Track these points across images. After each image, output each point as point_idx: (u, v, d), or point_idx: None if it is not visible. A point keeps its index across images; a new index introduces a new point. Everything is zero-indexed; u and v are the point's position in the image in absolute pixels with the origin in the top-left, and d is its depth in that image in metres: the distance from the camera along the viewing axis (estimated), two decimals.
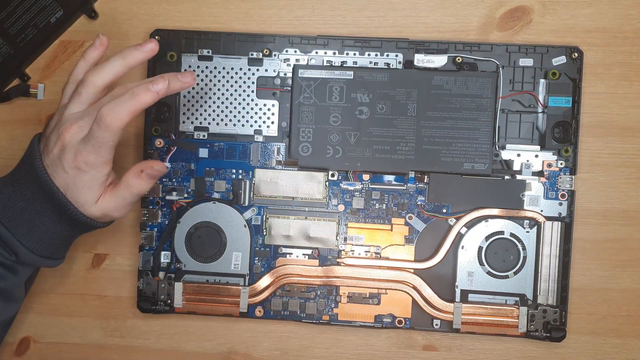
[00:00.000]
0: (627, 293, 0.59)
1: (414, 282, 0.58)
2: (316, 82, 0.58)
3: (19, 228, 0.51)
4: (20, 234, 0.51)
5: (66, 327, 0.62)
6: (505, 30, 0.59)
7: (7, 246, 0.51)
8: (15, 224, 0.51)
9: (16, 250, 0.51)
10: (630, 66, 0.58)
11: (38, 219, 0.51)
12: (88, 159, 0.49)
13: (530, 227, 0.58)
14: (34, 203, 0.51)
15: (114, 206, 0.52)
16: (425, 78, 0.57)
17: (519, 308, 0.57)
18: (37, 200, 0.51)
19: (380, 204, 0.59)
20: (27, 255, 0.51)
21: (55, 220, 0.51)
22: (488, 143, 0.57)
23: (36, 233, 0.51)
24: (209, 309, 0.59)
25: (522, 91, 0.58)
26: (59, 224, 0.52)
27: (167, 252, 0.59)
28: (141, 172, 0.51)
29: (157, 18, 0.60)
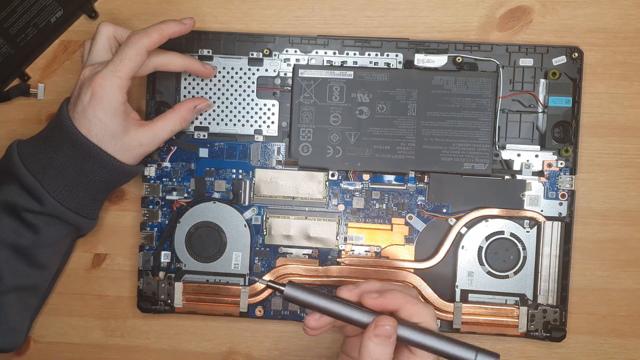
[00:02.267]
0: (627, 293, 0.59)
1: (414, 282, 0.58)
2: (316, 82, 0.58)
3: (46, 177, 0.52)
4: (46, 182, 0.52)
5: (66, 327, 0.62)
6: (505, 30, 0.59)
7: (33, 194, 0.52)
8: (42, 173, 0.52)
9: (41, 198, 0.52)
10: (630, 66, 0.58)
11: (64, 168, 0.52)
12: (105, 81, 0.52)
13: (530, 227, 0.58)
14: (60, 151, 0.52)
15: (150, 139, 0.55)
16: (426, 78, 0.57)
17: (519, 308, 0.57)
18: (63, 149, 0.52)
19: (380, 204, 0.59)
20: (53, 205, 0.52)
21: (80, 170, 0.52)
22: (488, 143, 0.57)
23: (62, 182, 0.52)
24: (209, 309, 0.59)
25: (522, 91, 0.58)
26: (85, 175, 0.53)
27: (167, 252, 0.59)
28: (194, 108, 0.57)
29: (157, 18, 0.60)
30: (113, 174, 0.54)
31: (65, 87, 0.61)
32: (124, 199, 0.61)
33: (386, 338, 0.45)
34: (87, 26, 0.61)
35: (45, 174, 0.52)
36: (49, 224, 0.53)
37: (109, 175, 0.54)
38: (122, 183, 0.56)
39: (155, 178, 0.60)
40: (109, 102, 0.52)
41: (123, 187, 0.61)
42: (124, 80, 0.52)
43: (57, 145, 0.52)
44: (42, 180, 0.52)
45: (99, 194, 0.55)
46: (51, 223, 0.53)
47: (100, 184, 0.54)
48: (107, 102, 0.52)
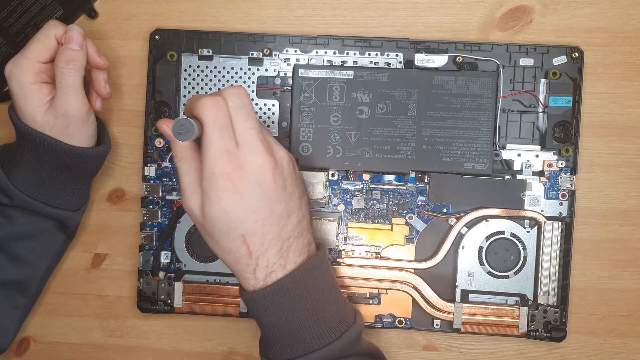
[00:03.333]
0: (627, 293, 0.59)
1: (415, 282, 0.58)
2: (316, 82, 0.58)
3: (13, 170, 0.53)
4: (14, 176, 0.53)
5: (66, 327, 0.62)
6: (505, 30, 0.59)
7: (2, 188, 0.53)
8: (10, 167, 0.54)
9: (9, 191, 0.53)
10: (630, 66, 0.58)
11: (23, 159, 0.53)
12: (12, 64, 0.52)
13: (530, 227, 0.58)
14: (18, 144, 0.54)
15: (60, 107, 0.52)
16: (426, 78, 0.57)
17: (520, 308, 0.57)
18: (18, 140, 0.54)
19: (380, 204, 0.59)
20: (20, 198, 0.53)
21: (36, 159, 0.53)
22: (488, 143, 0.57)
23: (25, 174, 0.53)
24: (209, 309, 0.59)
25: (522, 91, 0.58)
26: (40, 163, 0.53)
27: (167, 252, 0.59)
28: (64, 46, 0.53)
29: (157, 18, 0.60)
30: (60, 155, 0.53)
31: None
32: (124, 199, 0.61)
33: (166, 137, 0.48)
34: (87, 26, 0.61)
35: (12, 168, 0.54)
36: (23, 216, 0.54)
37: (57, 157, 0.53)
38: (84, 167, 0.55)
39: (155, 178, 0.59)
40: (19, 84, 0.52)
41: (123, 187, 0.61)
42: (31, 60, 0.52)
43: (16, 138, 0.54)
44: (10, 174, 0.53)
45: (66, 182, 0.55)
46: (24, 215, 0.54)
47: (56, 169, 0.54)
48: (16, 84, 0.52)
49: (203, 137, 0.46)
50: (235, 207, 0.46)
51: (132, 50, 0.61)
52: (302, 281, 0.47)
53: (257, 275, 0.47)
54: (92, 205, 0.61)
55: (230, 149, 0.46)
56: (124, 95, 0.61)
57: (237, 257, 0.47)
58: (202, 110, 0.46)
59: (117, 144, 0.61)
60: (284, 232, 0.47)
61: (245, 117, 0.47)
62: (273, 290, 0.47)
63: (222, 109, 0.46)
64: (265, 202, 0.46)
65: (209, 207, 0.46)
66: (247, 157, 0.46)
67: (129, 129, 0.61)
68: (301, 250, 0.49)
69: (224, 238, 0.47)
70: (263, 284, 0.47)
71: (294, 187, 0.49)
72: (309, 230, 0.50)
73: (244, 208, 0.46)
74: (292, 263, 0.48)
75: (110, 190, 0.61)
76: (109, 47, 0.61)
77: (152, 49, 0.59)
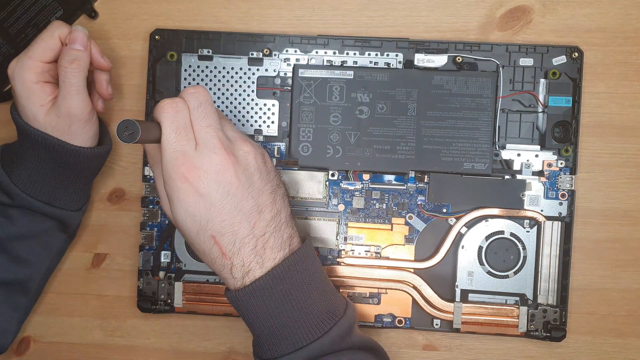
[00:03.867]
0: (627, 293, 0.59)
1: (414, 281, 0.58)
2: (316, 82, 0.58)
3: (15, 170, 0.53)
4: (15, 175, 0.53)
5: (66, 327, 0.62)
6: (505, 30, 0.59)
7: (3, 188, 0.54)
8: (11, 167, 0.54)
9: (9, 191, 0.53)
10: (630, 66, 0.58)
11: (24, 158, 0.53)
12: (15, 64, 0.52)
13: (530, 227, 0.58)
14: (19, 143, 0.54)
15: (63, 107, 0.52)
16: (426, 78, 0.57)
17: (519, 308, 0.57)
18: (20, 139, 0.54)
19: (380, 204, 0.59)
20: (21, 197, 0.53)
21: (37, 157, 0.53)
22: (488, 143, 0.57)
23: (26, 173, 0.53)
24: (209, 309, 0.59)
25: (522, 91, 0.58)
26: (41, 162, 0.53)
27: (167, 251, 0.59)
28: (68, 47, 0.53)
29: (157, 18, 0.60)
30: (61, 155, 0.53)
31: None
32: (124, 199, 0.61)
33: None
34: (87, 26, 0.61)
35: (13, 167, 0.54)
36: (24, 215, 0.54)
37: (58, 157, 0.53)
38: (86, 167, 0.55)
39: None
40: (22, 83, 0.52)
41: (123, 187, 0.61)
42: (34, 60, 0.52)
43: (18, 138, 0.55)
44: (11, 174, 0.53)
45: (67, 181, 0.55)
46: (25, 214, 0.54)
47: (58, 169, 0.54)
48: (19, 83, 0.52)
49: (161, 139, 0.46)
50: (198, 208, 0.45)
51: (132, 50, 0.61)
52: (283, 278, 0.47)
53: (234, 275, 0.47)
54: (92, 205, 0.61)
55: (186, 150, 0.45)
56: (124, 95, 0.61)
57: (213, 258, 0.47)
58: (160, 112, 0.46)
59: (117, 143, 0.61)
60: (257, 229, 0.47)
61: (202, 115, 0.46)
62: (253, 289, 0.46)
63: (180, 110, 0.46)
64: (230, 200, 0.46)
65: (174, 210, 0.46)
66: (203, 157, 0.46)
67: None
68: (281, 246, 0.48)
69: (196, 240, 0.47)
70: (242, 284, 0.46)
71: (264, 181, 0.48)
72: (289, 224, 0.49)
73: (207, 208, 0.45)
74: (270, 260, 0.47)
75: (111, 190, 0.61)
76: (109, 47, 0.61)
77: (152, 49, 0.59)
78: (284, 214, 0.49)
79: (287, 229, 0.48)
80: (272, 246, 0.47)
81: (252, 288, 0.46)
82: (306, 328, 0.47)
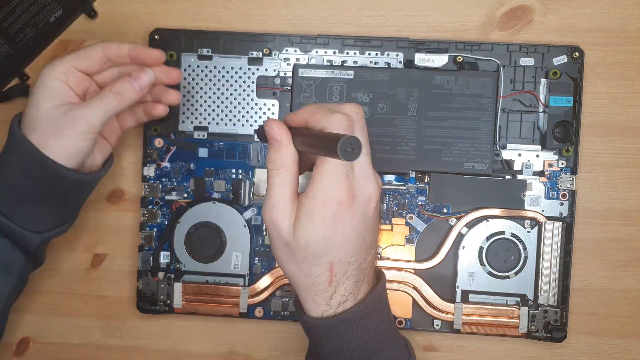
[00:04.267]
0: (628, 293, 0.59)
1: (415, 282, 0.58)
2: (316, 82, 0.58)
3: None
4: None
5: (66, 327, 0.62)
6: (506, 29, 0.59)
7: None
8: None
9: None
10: (631, 66, 0.58)
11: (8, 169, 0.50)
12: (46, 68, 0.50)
13: (531, 227, 0.58)
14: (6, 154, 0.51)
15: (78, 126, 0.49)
16: (426, 77, 0.57)
17: (520, 308, 0.57)
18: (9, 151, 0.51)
19: (380, 204, 0.59)
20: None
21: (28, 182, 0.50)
22: (489, 143, 0.57)
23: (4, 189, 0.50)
24: (208, 310, 0.59)
25: (522, 91, 0.58)
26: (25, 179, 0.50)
27: (167, 252, 0.59)
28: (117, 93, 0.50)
29: (157, 17, 0.60)
30: (34, 166, 0.49)
31: None
32: (123, 199, 0.61)
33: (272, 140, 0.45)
34: (86, 26, 0.61)
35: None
36: None
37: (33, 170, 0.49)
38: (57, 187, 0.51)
39: (155, 178, 0.59)
40: (43, 76, 0.50)
41: (122, 187, 0.61)
42: (66, 62, 0.50)
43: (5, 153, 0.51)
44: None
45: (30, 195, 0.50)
46: None
47: (27, 181, 0.50)
48: (41, 76, 0.50)
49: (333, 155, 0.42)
50: (337, 235, 0.44)
51: None
52: (367, 312, 0.46)
53: (330, 303, 0.46)
54: (91, 205, 0.61)
55: (349, 174, 0.44)
56: None
57: (316, 282, 0.45)
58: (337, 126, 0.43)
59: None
60: (364, 263, 0.46)
61: (364, 141, 0.45)
62: (341, 320, 0.45)
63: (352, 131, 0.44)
64: (362, 232, 0.45)
65: (308, 229, 0.44)
66: (360, 185, 0.45)
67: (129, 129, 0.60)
68: (370, 280, 0.48)
69: (310, 261, 0.45)
70: (334, 312, 0.46)
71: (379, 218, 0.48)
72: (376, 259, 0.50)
73: (344, 236, 0.44)
74: (362, 293, 0.47)
75: (110, 190, 0.61)
76: None
77: None
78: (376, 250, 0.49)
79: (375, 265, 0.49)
80: (368, 281, 0.47)
81: (341, 318, 0.45)
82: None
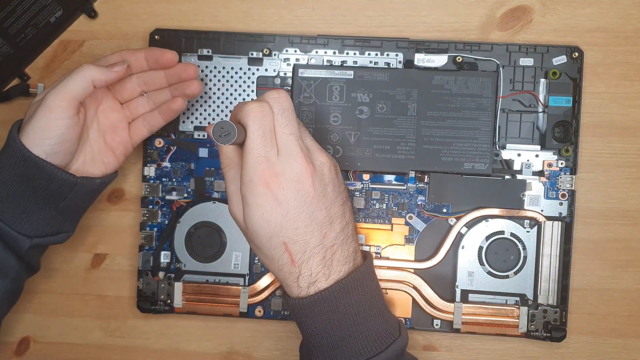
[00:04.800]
0: (627, 293, 0.59)
1: (414, 282, 0.58)
2: (316, 82, 0.58)
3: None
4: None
5: (66, 327, 0.62)
6: (505, 29, 0.59)
7: None
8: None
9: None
10: (631, 66, 0.58)
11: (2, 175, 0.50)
12: None
13: (530, 227, 0.58)
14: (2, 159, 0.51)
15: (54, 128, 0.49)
16: (426, 78, 0.57)
17: (520, 308, 0.57)
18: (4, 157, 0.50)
19: (380, 204, 0.59)
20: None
21: (17, 180, 0.50)
22: (488, 143, 0.57)
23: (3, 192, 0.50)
24: (208, 309, 0.59)
25: (522, 91, 0.58)
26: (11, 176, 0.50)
27: (167, 252, 0.59)
28: None
29: (157, 17, 0.60)
30: (27, 167, 0.49)
31: None
32: (124, 199, 0.61)
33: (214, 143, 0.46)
34: (86, 26, 0.61)
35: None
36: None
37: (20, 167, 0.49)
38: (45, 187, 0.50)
39: (155, 178, 0.59)
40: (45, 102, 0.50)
41: (123, 187, 0.61)
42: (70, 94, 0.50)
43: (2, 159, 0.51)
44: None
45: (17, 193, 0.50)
46: None
47: (11, 178, 0.50)
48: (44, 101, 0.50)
49: (245, 143, 0.46)
50: (274, 215, 0.45)
51: None
52: (347, 292, 0.47)
53: (300, 284, 0.47)
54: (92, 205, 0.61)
55: (270, 156, 0.46)
56: None
57: (280, 265, 0.47)
58: (247, 116, 0.45)
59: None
60: (327, 240, 0.47)
61: (286, 122, 0.46)
62: (317, 300, 0.46)
63: (267, 115, 0.46)
64: (305, 210, 0.46)
65: (249, 214, 0.46)
66: (285, 164, 0.46)
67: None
68: (346, 259, 0.48)
69: (266, 245, 0.46)
70: (306, 293, 0.46)
71: (336, 193, 0.48)
72: (354, 238, 0.49)
73: (283, 215, 0.46)
74: (336, 272, 0.47)
75: (110, 190, 0.61)
76: (109, 47, 0.61)
77: None
78: (351, 227, 0.49)
79: (352, 242, 0.49)
80: (339, 259, 0.47)
81: (317, 298, 0.46)
82: (363, 344, 0.47)
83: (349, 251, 0.48)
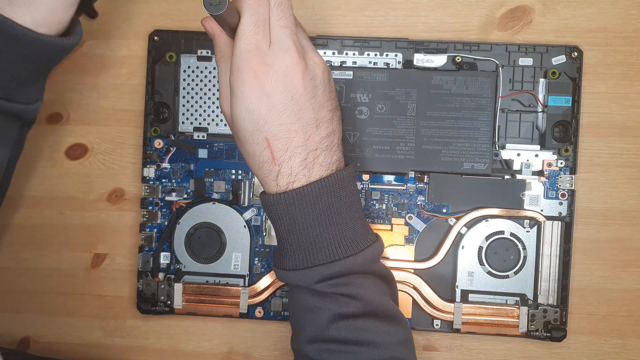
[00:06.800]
0: (627, 293, 0.59)
1: (414, 282, 0.58)
2: None
3: None
4: None
5: (66, 327, 0.62)
6: (505, 30, 0.59)
7: None
8: None
9: None
10: (630, 66, 0.58)
11: None
12: None
13: (530, 227, 0.58)
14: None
15: None
16: (425, 78, 0.57)
17: (520, 308, 0.57)
18: None
19: (380, 204, 0.59)
20: None
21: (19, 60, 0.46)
22: (488, 143, 0.57)
23: None
24: (208, 310, 0.59)
25: (521, 91, 0.58)
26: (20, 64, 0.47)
27: (167, 252, 0.59)
28: None
29: (157, 18, 0.60)
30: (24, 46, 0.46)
31: (65, 86, 0.61)
32: (124, 200, 0.61)
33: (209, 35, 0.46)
34: (86, 25, 0.61)
35: None
36: None
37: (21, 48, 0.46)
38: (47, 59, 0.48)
39: (155, 179, 0.59)
40: None
41: (122, 187, 0.61)
42: None
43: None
44: None
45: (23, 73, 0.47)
46: None
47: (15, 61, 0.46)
48: None
49: (237, 29, 0.45)
50: (260, 107, 0.44)
51: (132, 50, 0.61)
52: (327, 191, 0.46)
53: (279, 183, 0.46)
54: (91, 205, 0.61)
55: (261, 45, 0.45)
56: (123, 95, 0.61)
57: (261, 162, 0.46)
58: (242, 1, 0.44)
59: (116, 143, 0.61)
60: (310, 142, 0.46)
61: (281, 15, 0.45)
62: (298, 194, 0.45)
63: (262, 4, 0.45)
64: (292, 106, 0.45)
65: (235, 104, 0.45)
66: (276, 56, 0.45)
67: (129, 129, 0.61)
68: (328, 165, 0.47)
69: (249, 140, 0.45)
70: (285, 191, 0.46)
71: (326, 97, 0.47)
72: (339, 148, 0.48)
73: (269, 109, 0.45)
74: (316, 176, 0.46)
75: (110, 191, 0.61)
76: (109, 47, 0.61)
77: (151, 49, 0.59)
78: (337, 136, 0.48)
79: (337, 152, 0.48)
80: (321, 163, 0.47)
81: (296, 193, 0.45)
82: (341, 243, 0.47)
83: (332, 159, 0.47)
